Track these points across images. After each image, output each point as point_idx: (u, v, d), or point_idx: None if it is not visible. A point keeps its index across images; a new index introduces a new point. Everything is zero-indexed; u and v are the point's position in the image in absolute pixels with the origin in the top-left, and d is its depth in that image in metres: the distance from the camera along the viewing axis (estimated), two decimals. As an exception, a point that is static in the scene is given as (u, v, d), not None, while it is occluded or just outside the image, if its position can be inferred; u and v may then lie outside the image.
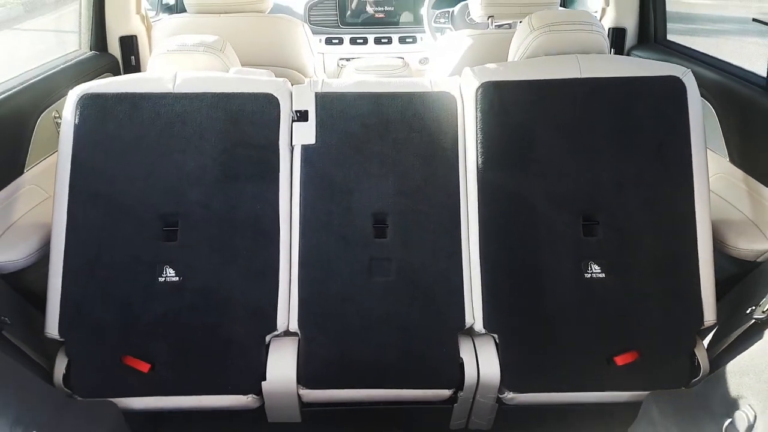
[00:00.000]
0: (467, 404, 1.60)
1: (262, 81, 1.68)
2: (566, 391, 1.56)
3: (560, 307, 1.55)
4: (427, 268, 1.60)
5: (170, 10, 3.12)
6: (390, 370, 1.56)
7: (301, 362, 1.53)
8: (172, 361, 1.53)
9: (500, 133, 1.61)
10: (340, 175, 1.63)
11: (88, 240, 1.57)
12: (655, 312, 1.54)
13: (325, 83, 1.68)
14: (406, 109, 1.65)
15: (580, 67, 1.63)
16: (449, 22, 3.04)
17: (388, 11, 3.31)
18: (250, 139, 1.62)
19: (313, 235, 1.61)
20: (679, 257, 1.58)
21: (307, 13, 3.29)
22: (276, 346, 1.55)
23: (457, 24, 3.00)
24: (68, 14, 6.56)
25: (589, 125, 1.61)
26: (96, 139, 1.60)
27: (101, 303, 1.54)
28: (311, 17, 3.29)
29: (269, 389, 1.52)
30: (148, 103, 1.62)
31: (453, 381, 1.54)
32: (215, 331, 1.54)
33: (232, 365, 1.54)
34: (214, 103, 1.62)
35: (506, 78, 1.64)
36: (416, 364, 1.56)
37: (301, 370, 1.53)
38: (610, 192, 1.60)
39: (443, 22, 3.05)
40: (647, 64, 1.69)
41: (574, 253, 1.58)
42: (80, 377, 1.51)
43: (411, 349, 1.56)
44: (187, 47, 1.76)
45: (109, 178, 1.60)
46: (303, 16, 3.28)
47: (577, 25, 1.70)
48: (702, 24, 8.45)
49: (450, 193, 1.62)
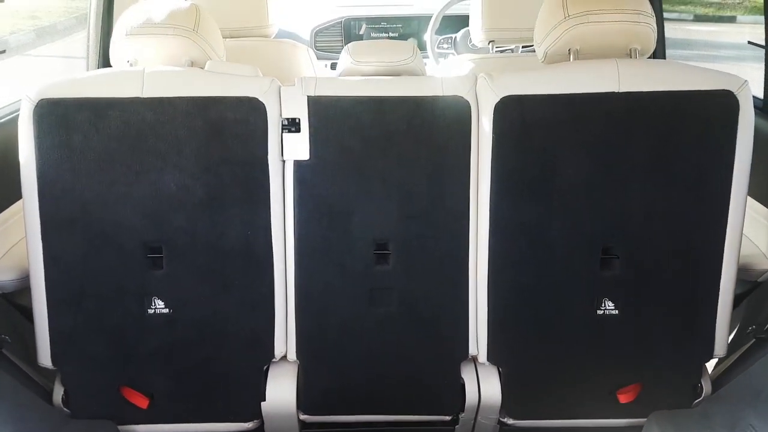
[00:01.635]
0: (468, 426, 1.59)
1: (246, 81, 1.46)
2: (568, 419, 1.56)
3: (568, 344, 1.52)
4: (431, 297, 1.51)
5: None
6: (391, 397, 1.57)
7: (301, 389, 1.53)
8: (170, 393, 1.53)
9: (519, 160, 1.44)
10: (338, 196, 1.47)
11: (69, 271, 1.46)
12: (666, 348, 1.51)
13: (320, 84, 1.46)
14: (413, 118, 1.45)
15: (620, 76, 1.40)
16: (452, 47, 3.09)
17: (393, 37, 3.36)
18: (235, 155, 1.43)
19: (310, 262, 1.50)
20: (699, 295, 1.48)
21: (313, 38, 3.34)
22: (275, 372, 1.54)
23: (459, 49, 3.05)
24: (78, 41, 6.67)
25: (623, 149, 1.43)
26: (61, 155, 1.41)
27: (92, 335, 1.49)
28: (317, 42, 3.33)
29: (269, 411, 1.52)
30: (113, 111, 1.40)
31: (454, 407, 1.54)
32: (212, 363, 1.52)
33: (232, 395, 1.54)
34: (190, 111, 1.41)
35: (531, 91, 1.42)
36: (417, 391, 1.56)
37: (300, 397, 1.53)
38: (635, 225, 1.46)
39: (446, 47, 3.10)
40: (697, 73, 1.44)
41: (588, 289, 1.48)
42: (78, 403, 1.51)
43: (412, 377, 1.55)
44: (153, 27, 1.49)
45: (81, 202, 1.43)
46: (309, 41, 3.33)
47: (622, 14, 1.43)
48: (700, 50, 8.57)
49: (458, 215, 1.48)
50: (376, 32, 3.35)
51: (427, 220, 1.48)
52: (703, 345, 1.50)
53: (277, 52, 2.19)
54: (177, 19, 1.48)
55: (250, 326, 1.50)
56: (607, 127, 1.42)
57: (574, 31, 1.42)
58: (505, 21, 2.06)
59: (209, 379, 1.53)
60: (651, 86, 1.40)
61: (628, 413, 1.53)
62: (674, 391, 1.52)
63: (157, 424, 1.54)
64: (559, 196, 1.44)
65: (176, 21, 1.47)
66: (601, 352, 1.51)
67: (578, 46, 1.45)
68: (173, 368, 1.51)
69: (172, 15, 1.49)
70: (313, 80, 1.46)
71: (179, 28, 1.47)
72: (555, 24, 1.45)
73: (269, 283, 1.49)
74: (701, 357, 1.51)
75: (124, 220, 1.44)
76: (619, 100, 1.40)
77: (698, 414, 1.42)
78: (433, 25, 3.00)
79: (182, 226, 1.45)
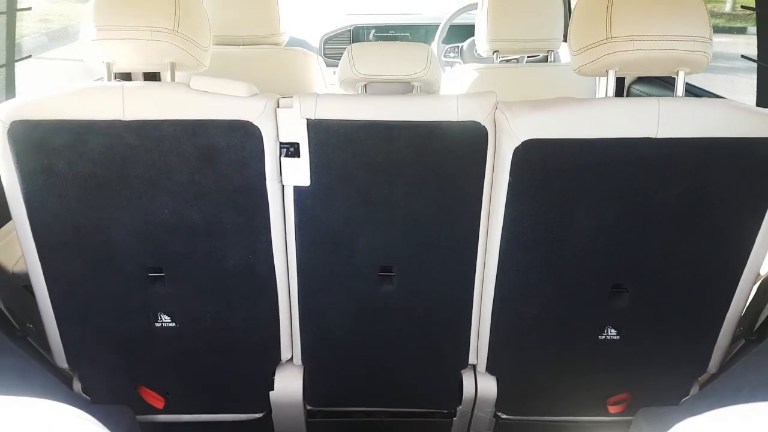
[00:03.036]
0: (466, 418, 1.65)
1: (238, 102, 1.30)
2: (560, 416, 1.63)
3: (567, 362, 1.55)
4: (435, 318, 1.51)
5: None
6: (392, 395, 1.65)
7: (307, 386, 1.59)
8: (183, 393, 1.60)
9: (536, 207, 1.32)
10: (341, 223, 1.39)
11: (71, 289, 1.43)
12: (661, 368, 1.53)
13: (320, 105, 1.30)
14: (423, 145, 1.31)
15: (659, 119, 1.23)
16: (458, 56, 3.14)
17: (401, 46, 3.42)
18: (231, 181, 1.33)
19: (313, 284, 1.46)
20: (703, 327, 1.46)
21: (323, 46, 3.39)
22: (282, 370, 1.60)
23: (465, 58, 3.09)
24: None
25: (650, 196, 1.30)
26: (45, 181, 1.31)
27: (103, 344, 1.51)
28: (326, 50, 3.39)
29: (277, 402, 1.59)
30: (95, 136, 1.28)
31: (452, 403, 1.61)
32: (221, 368, 1.57)
33: (242, 392, 1.61)
34: (178, 135, 1.28)
35: (556, 135, 1.25)
36: (417, 391, 1.64)
37: (306, 392, 1.60)
38: (651, 267, 1.39)
39: (453, 56, 3.15)
40: (744, 116, 1.24)
41: (594, 319, 1.46)
42: (97, 397, 1.58)
43: (413, 383, 1.62)
44: (128, 30, 1.30)
45: (72, 226, 1.36)
46: (318, 49, 3.39)
47: (673, 40, 1.23)
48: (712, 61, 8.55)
49: (467, 244, 1.40)
50: (384, 41, 3.40)
51: (434, 247, 1.42)
52: (699, 365, 1.53)
53: (288, 60, 2.24)
54: (154, 17, 1.30)
55: (255, 337, 1.52)
56: (636, 175, 1.28)
57: (616, 57, 1.25)
58: (509, 32, 2.10)
59: (220, 381, 1.59)
60: (693, 132, 1.24)
61: (619, 415, 1.60)
62: (663, 396, 1.57)
63: (173, 415, 1.61)
64: (574, 240, 1.35)
65: (153, 20, 1.30)
66: (598, 369, 1.55)
67: (618, 67, 1.29)
68: (184, 373, 1.56)
69: (149, 11, 1.31)
70: (312, 100, 1.31)
71: (157, 30, 1.30)
72: (595, 42, 1.27)
73: (273, 300, 1.47)
74: (695, 374, 1.55)
75: (120, 244, 1.38)
76: (654, 146, 1.25)
77: (684, 411, 1.46)
78: (440, 34, 3.05)
79: (180, 251, 1.39)
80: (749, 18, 11.62)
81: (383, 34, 3.38)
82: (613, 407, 1.56)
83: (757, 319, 1.46)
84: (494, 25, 2.09)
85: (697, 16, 1.23)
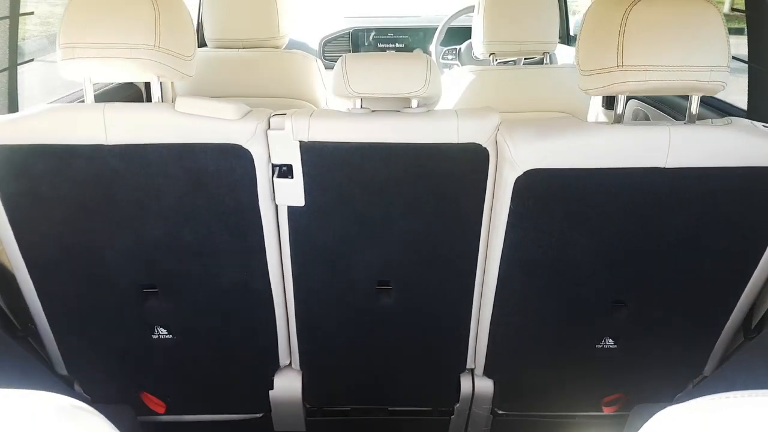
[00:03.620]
0: (463, 416, 1.67)
1: (226, 125, 1.23)
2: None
3: (563, 368, 1.57)
4: (433, 327, 1.51)
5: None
6: (390, 396, 1.69)
7: (306, 387, 1.62)
8: (183, 398, 1.63)
9: (537, 234, 1.30)
10: (337, 242, 1.36)
11: (65, 304, 1.43)
12: (660, 372, 1.55)
13: (313, 126, 1.24)
14: (422, 167, 1.28)
15: (670, 148, 1.18)
16: (456, 58, 3.15)
17: (400, 48, 3.43)
18: (222, 203, 1.29)
19: (310, 299, 1.46)
20: (702, 333, 1.46)
21: (322, 48, 3.41)
22: (281, 373, 1.62)
23: (463, 60, 3.11)
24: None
25: (655, 224, 1.28)
26: (30, 204, 1.28)
27: (101, 355, 1.53)
28: (325, 53, 3.41)
29: (276, 401, 1.61)
30: (78, 161, 1.23)
31: (450, 402, 1.64)
32: (221, 374, 1.60)
33: (241, 395, 1.64)
34: (165, 160, 1.24)
35: (560, 164, 1.20)
36: (415, 393, 1.67)
37: (306, 393, 1.63)
38: (652, 285, 1.38)
39: (451, 58, 3.16)
40: (756, 142, 1.19)
41: (593, 331, 1.47)
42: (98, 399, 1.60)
43: (411, 384, 1.66)
44: (106, 48, 1.20)
45: (61, 247, 1.33)
46: (317, 51, 3.41)
47: (690, 71, 1.13)
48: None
49: (466, 261, 1.39)
50: (383, 43, 3.42)
51: (433, 265, 1.40)
52: (695, 369, 1.55)
53: (287, 62, 2.26)
54: (134, 34, 1.20)
55: (254, 347, 1.54)
56: (642, 203, 1.25)
57: (627, 86, 1.16)
58: (506, 34, 2.11)
59: (220, 386, 1.61)
60: (703, 161, 1.19)
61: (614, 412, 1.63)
62: (657, 397, 1.59)
63: (174, 415, 1.64)
64: (575, 261, 1.34)
65: (133, 37, 1.20)
66: (594, 374, 1.57)
67: (629, 92, 1.20)
68: (184, 380, 1.59)
69: (128, 28, 1.20)
70: (305, 121, 1.25)
71: (137, 47, 1.20)
72: (605, 68, 1.17)
73: (270, 313, 1.46)
74: (690, 376, 1.58)
75: (111, 263, 1.35)
76: (663, 176, 1.20)
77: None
78: (438, 36, 3.07)
79: (173, 269, 1.37)
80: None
81: (382, 36, 3.40)
82: (607, 408, 1.59)
83: (752, 318, 1.48)
84: (491, 28, 2.10)
85: (718, 44, 1.13)
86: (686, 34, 1.12)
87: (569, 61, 2.99)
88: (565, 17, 3.31)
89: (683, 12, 1.12)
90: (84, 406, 0.58)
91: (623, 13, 1.13)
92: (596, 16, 1.20)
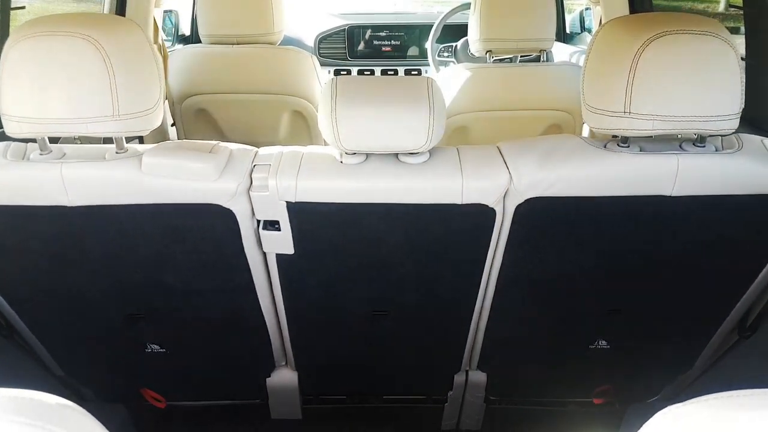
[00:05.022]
0: (457, 405, 1.71)
1: (203, 184, 1.11)
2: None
3: (557, 369, 1.60)
4: (429, 336, 1.51)
5: (185, 41, 3.25)
6: (385, 389, 1.72)
7: (302, 381, 1.65)
8: (182, 395, 1.68)
9: (534, 257, 1.27)
10: (331, 282, 1.31)
11: (52, 328, 1.40)
12: (650, 368, 1.59)
13: (300, 186, 1.13)
14: (423, 229, 1.20)
15: (677, 178, 1.13)
16: (452, 56, 3.15)
17: (395, 45, 3.43)
18: (205, 255, 1.22)
19: (304, 326, 1.43)
20: (694, 334, 1.47)
21: (317, 45, 3.40)
22: (277, 370, 1.65)
23: (459, 58, 3.10)
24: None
25: (656, 248, 1.26)
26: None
27: (96, 364, 1.54)
28: (321, 50, 3.40)
29: (273, 390, 1.65)
30: (40, 222, 1.15)
31: (443, 390, 1.68)
32: (217, 378, 1.63)
33: (238, 390, 1.69)
34: (137, 218, 1.15)
35: (564, 193, 1.15)
36: (410, 387, 1.71)
37: (302, 384, 1.65)
38: (648, 296, 1.38)
39: (446, 56, 3.16)
40: (763, 169, 1.14)
41: (586, 334, 1.48)
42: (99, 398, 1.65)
43: (405, 381, 1.69)
44: (61, 122, 1.06)
45: (41, 290, 1.29)
46: (313, 48, 3.40)
47: (699, 122, 1.07)
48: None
49: (467, 294, 1.36)
50: (378, 40, 3.42)
51: (431, 294, 1.37)
52: (686, 364, 1.58)
53: (282, 59, 2.25)
54: (88, 108, 1.05)
55: (248, 356, 1.57)
56: (644, 229, 1.22)
57: (632, 132, 1.10)
58: (502, 32, 2.11)
59: (218, 383, 1.65)
60: (709, 189, 1.14)
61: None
62: (647, 389, 1.64)
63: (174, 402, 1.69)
64: (572, 278, 1.32)
65: (87, 111, 1.05)
66: (587, 371, 1.60)
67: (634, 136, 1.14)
68: (181, 382, 1.63)
69: (81, 103, 1.05)
70: (291, 180, 1.13)
71: (94, 122, 1.06)
72: (612, 111, 1.10)
73: (263, 334, 1.44)
74: (681, 371, 1.60)
75: (93, 301, 1.31)
76: (667, 204, 1.16)
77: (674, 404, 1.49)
78: (434, 34, 3.06)
79: (161, 305, 1.33)
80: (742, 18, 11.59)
81: (377, 33, 3.39)
82: (598, 399, 1.62)
83: (749, 316, 1.48)
84: (487, 25, 2.09)
85: (731, 90, 1.06)
86: (699, 80, 1.05)
87: (565, 58, 2.98)
88: (562, 15, 3.31)
89: (698, 53, 1.04)
90: (72, 405, 0.57)
91: (635, 53, 1.04)
92: (606, 47, 1.12)
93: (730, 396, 0.53)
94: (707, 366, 1.58)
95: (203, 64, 2.22)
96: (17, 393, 0.55)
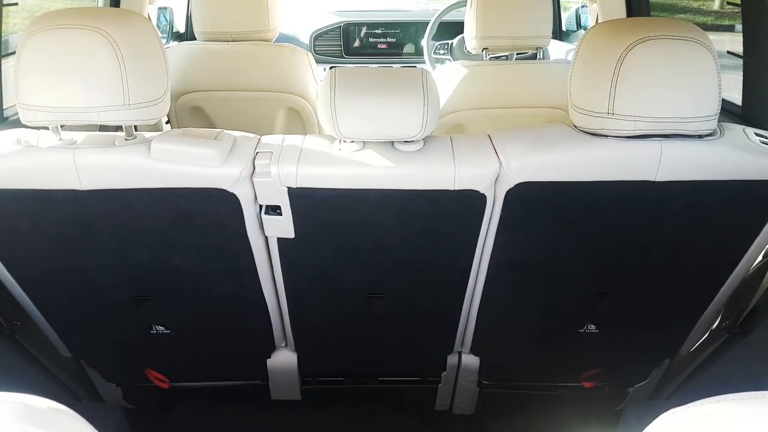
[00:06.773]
0: (450, 385, 1.75)
1: (209, 170, 1.18)
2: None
3: (546, 348, 1.64)
4: (423, 319, 1.56)
5: (180, 38, 3.24)
6: (381, 367, 1.77)
7: (301, 361, 1.70)
8: (184, 375, 1.73)
9: (524, 241, 1.32)
10: (329, 264, 1.37)
11: (63, 310, 1.46)
12: (639, 352, 1.63)
13: (301, 172, 1.20)
14: (417, 213, 1.26)
15: (661, 164, 1.17)
16: (448, 53, 3.14)
17: (391, 42, 3.42)
18: (210, 238, 1.28)
19: (303, 307, 1.50)
20: (681, 320, 1.51)
21: (312, 42, 3.40)
22: (277, 350, 1.70)
23: (455, 55, 3.10)
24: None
25: (642, 230, 1.30)
26: (12, 239, 1.28)
27: (103, 346, 1.60)
28: (316, 47, 3.39)
29: (273, 371, 1.70)
30: (53, 205, 1.21)
31: (436, 370, 1.72)
32: (220, 356, 1.67)
33: (241, 369, 1.74)
34: (146, 202, 1.21)
35: (552, 178, 1.20)
36: (405, 368, 1.76)
37: (301, 364, 1.70)
38: (635, 280, 1.42)
39: (442, 53, 3.15)
40: (745, 156, 1.18)
41: (576, 318, 1.52)
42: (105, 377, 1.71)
43: (400, 362, 1.73)
44: (74, 111, 1.12)
45: (51, 271, 1.35)
46: (308, 45, 3.39)
47: (681, 122, 1.13)
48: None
49: (460, 273, 1.41)
50: (374, 38, 3.41)
51: (425, 277, 1.42)
52: (671, 349, 1.63)
53: (277, 56, 2.24)
54: (99, 97, 1.11)
55: (249, 336, 1.61)
56: (630, 213, 1.26)
57: (615, 132, 1.15)
58: (498, 29, 2.11)
59: (220, 363, 1.69)
60: (692, 174, 1.19)
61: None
62: (634, 373, 1.69)
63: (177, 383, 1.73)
64: (562, 261, 1.36)
65: (99, 100, 1.11)
66: (577, 358, 1.65)
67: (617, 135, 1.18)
68: (184, 362, 1.67)
69: (93, 92, 1.11)
70: (292, 166, 1.20)
71: (106, 110, 1.12)
72: (596, 112, 1.16)
73: (264, 315, 1.50)
74: (666, 355, 1.65)
75: (102, 282, 1.37)
76: (652, 189, 1.21)
77: (672, 404, 1.49)
78: (430, 31, 3.06)
79: (166, 286, 1.39)
80: (737, 16, 11.68)
81: (373, 31, 3.39)
82: (587, 382, 1.67)
83: (741, 313, 1.48)
84: (483, 23, 2.09)
85: (710, 94, 1.11)
86: (679, 84, 1.10)
87: (561, 56, 2.98)
88: (558, 12, 3.31)
89: (679, 57, 1.09)
90: (64, 409, 0.57)
91: (619, 56, 1.10)
92: (592, 51, 1.18)
93: (732, 399, 0.53)
94: (698, 361, 1.60)
95: (198, 62, 2.21)
96: (8, 397, 0.55)
